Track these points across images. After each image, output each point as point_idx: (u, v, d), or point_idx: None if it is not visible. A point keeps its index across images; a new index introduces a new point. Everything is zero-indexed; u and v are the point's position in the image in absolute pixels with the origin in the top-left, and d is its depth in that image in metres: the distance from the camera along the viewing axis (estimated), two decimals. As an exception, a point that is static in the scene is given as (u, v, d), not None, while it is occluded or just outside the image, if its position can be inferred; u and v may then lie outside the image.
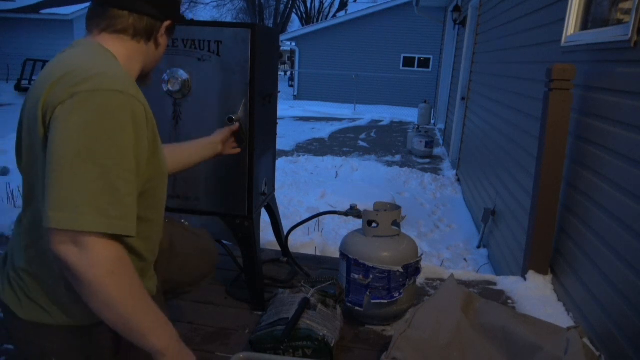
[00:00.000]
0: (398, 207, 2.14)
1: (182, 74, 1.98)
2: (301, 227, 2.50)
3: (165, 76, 1.98)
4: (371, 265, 1.98)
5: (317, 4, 35.42)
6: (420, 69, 18.49)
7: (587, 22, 2.77)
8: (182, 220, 2.17)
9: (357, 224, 2.26)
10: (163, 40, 1.25)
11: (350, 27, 18.50)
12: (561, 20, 2.95)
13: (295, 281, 2.43)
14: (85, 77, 1.00)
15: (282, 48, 21.60)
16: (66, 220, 0.92)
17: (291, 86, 21.10)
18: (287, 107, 15.55)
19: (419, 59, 18.54)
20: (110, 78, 1.02)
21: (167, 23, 1.23)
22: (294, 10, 33.13)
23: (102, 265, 0.94)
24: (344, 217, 2.32)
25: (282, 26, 30.64)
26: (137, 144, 1.02)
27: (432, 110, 13.70)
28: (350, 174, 6.97)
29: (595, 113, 2.37)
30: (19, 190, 4.21)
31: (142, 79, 1.30)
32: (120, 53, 1.15)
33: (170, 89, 1.97)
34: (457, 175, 7.04)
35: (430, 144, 8.69)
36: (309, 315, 1.85)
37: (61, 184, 0.93)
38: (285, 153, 8.35)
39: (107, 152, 0.96)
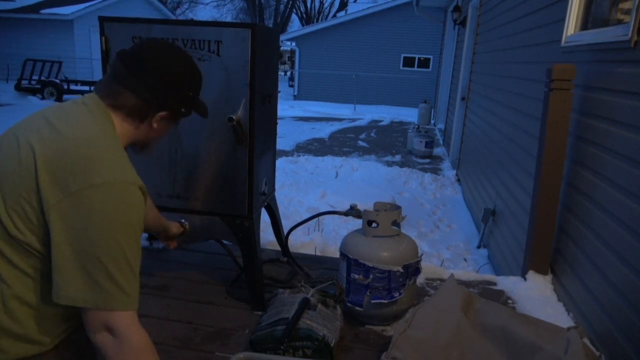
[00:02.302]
0: (398, 207, 2.14)
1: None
2: (301, 227, 2.50)
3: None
4: (371, 265, 1.98)
5: (317, 4, 35.45)
6: (420, 69, 18.49)
7: (587, 22, 2.77)
8: (182, 220, 2.17)
9: (357, 224, 2.26)
10: (159, 126, 1.24)
11: (350, 27, 18.50)
12: (561, 20, 2.95)
13: (295, 281, 2.43)
14: (99, 167, 1.04)
15: (282, 48, 21.60)
16: (96, 301, 1.02)
17: (291, 86, 21.10)
18: (287, 107, 15.55)
19: (419, 59, 18.54)
20: (120, 168, 1.08)
21: (162, 113, 1.22)
22: (294, 10, 33.14)
23: (134, 350, 1.06)
24: (344, 217, 2.32)
25: (282, 26, 30.64)
26: (141, 224, 1.11)
27: (432, 110, 13.70)
28: (350, 174, 6.97)
29: (595, 113, 2.37)
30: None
31: (142, 148, 1.31)
32: (116, 124, 1.17)
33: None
34: (457, 175, 7.04)
35: (430, 144, 8.68)
36: (309, 315, 1.85)
37: (86, 269, 1.01)
38: (285, 153, 8.35)
39: (120, 236, 1.04)
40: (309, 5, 34.01)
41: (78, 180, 1.01)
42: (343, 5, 30.70)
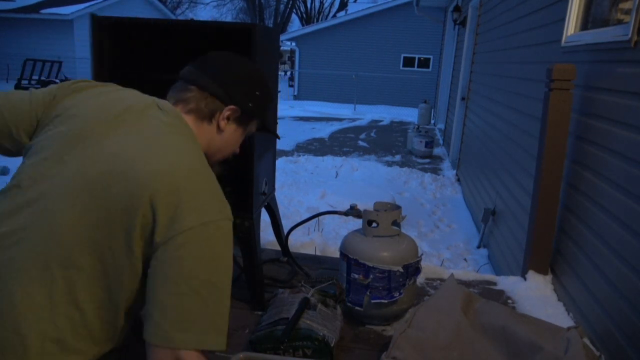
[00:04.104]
0: (398, 207, 2.14)
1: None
2: (301, 227, 2.50)
3: (165, 76, 1.98)
4: (371, 265, 1.98)
5: (317, 4, 35.46)
6: (420, 69, 18.50)
7: (587, 22, 2.77)
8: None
9: (357, 224, 2.26)
10: (226, 126, 1.21)
11: (350, 27, 18.51)
12: (561, 20, 2.95)
13: (295, 281, 2.42)
14: (209, 202, 1.01)
15: (282, 48, 21.60)
16: (196, 342, 0.97)
17: (291, 86, 21.11)
18: (287, 107, 15.55)
19: (419, 59, 18.54)
20: (225, 203, 1.05)
21: (231, 107, 1.19)
22: (294, 10, 33.15)
23: None
24: (344, 217, 2.32)
25: (282, 26, 30.65)
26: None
27: (432, 110, 13.70)
28: (350, 174, 6.97)
29: (595, 113, 2.37)
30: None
31: (211, 164, 1.24)
32: (194, 130, 1.16)
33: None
34: (457, 175, 7.04)
35: (430, 144, 8.69)
36: (309, 315, 1.85)
37: (188, 308, 0.96)
38: (285, 153, 8.35)
39: (226, 277, 1.02)
40: (309, 5, 34.03)
41: (192, 218, 0.97)
42: (343, 5, 30.70)
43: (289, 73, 25.49)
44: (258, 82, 1.28)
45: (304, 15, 33.79)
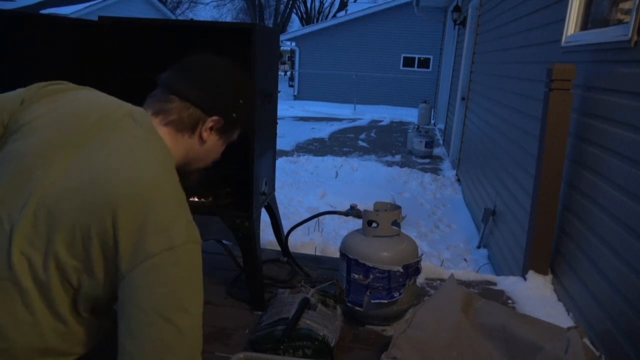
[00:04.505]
0: (398, 207, 2.14)
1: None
2: (301, 227, 2.50)
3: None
4: (371, 265, 1.98)
5: (317, 4, 35.44)
6: (420, 69, 18.49)
7: (587, 22, 2.77)
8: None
9: (357, 224, 2.26)
10: (209, 139, 1.17)
11: (350, 27, 18.50)
12: (561, 20, 2.95)
13: (295, 281, 2.42)
14: (175, 224, 0.97)
15: (282, 48, 21.60)
16: None
17: (291, 86, 21.11)
18: (287, 107, 15.55)
19: (419, 59, 18.54)
20: (192, 225, 1.01)
21: (214, 118, 1.14)
22: (294, 10, 33.15)
23: None
24: (344, 217, 2.32)
25: (282, 26, 30.65)
26: None
27: (432, 110, 13.70)
28: (350, 174, 6.97)
29: (595, 113, 2.37)
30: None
31: (187, 175, 1.22)
32: (169, 143, 1.11)
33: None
34: (457, 175, 7.04)
35: (430, 144, 8.69)
36: (309, 315, 1.85)
37: (160, 338, 0.94)
38: (285, 153, 8.35)
39: (197, 302, 1.00)
40: (309, 5, 34.02)
41: (158, 243, 0.94)
42: (343, 5, 30.71)
43: (289, 73, 25.49)
44: (242, 90, 1.22)
45: (304, 15, 33.78)
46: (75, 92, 1.12)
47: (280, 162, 7.08)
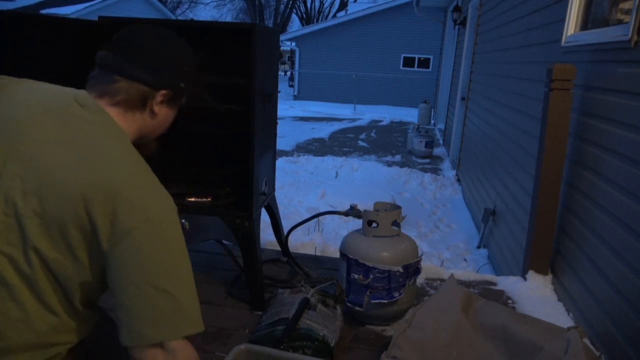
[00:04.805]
0: (398, 207, 2.14)
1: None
2: (301, 227, 2.50)
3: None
4: (371, 265, 1.98)
5: (317, 4, 35.45)
6: (420, 69, 18.49)
7: (587, 22, 2.77)
8: (183, 221, 2.17)
9: (357, 224, 2.26)
10: (160, 111, 1.16)
11: (350, 27, 18.50)
12: (561, 20, 2.95)
13: (295, 281, 2.43)
14: (147, 197, 1.00)
15: (282, 48, 21.60)
16: (171, 332, 0.98)
17: (291, 86, 21.10)
18: (287, 107, 15.55)
19: (419, 59, 18.54)
20: (164, 194, 1.04)
21: (162, 92, 1.13)
22: (294, 10, 33.14)
23: None
24: (344, 217, 2.32)
25: (282, 26, 30.64)
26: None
27: (432, 110, 13.70)
28: (350, 174, 6.97)
29: (595, 113, 2.37)
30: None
31: (144, 146, 1.22)
32: (121, 123, 1.10)
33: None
34: (457, 175, 7.04)
35: (430, 144, 8.69)
36: (309, 315, 1.85)
37: (158, 305, 0.97)
38: (285, 153, 8.35)
39: (184, 265, 1.03)
40: (309, 5, 34.01)
41: (134, 217, 0.96)
42: (343, 5, 30.69)
43: (289, 73, 25.49)
44: (185, 58, 1.20)
45: (304, 15, 33.78)
46: (14, 86, 1.10)
47: (280, 162, 7.07)
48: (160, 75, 1.13)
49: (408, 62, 18.62)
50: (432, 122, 13.56)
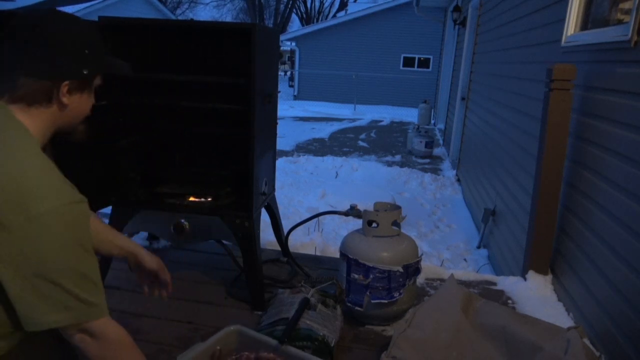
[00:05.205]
0: (398, 207, 2.14)
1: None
2: (301, 227, 2.50)
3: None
4: (371, 265, 1.98)
5: (317, 4, 35.44)
6: (420, 69, 18.49)
7: (587, 22, 2.77)
8: (182, 221, 2.17)
9: (357, 224, 2.26)
10: (71, 100, 1.11)
11: (350, 27, 18.50)
12: (561, 20, 2.95)
13: (295, 281, 2.43)
14: (35, 196, 0.98)
15: (282, 48, 21.60)
16: (67, 319, 1.03)
17: (291, 86, 21.10)
18: (287, 107, 15.55)
19: (419, 59, 18.54)
20: (55, 190, 1.01)
21: (65, 83, 1.08)
22: (294, 10, 33.14)
23: (114, 344, 1.11)
24: (344, 217, 2.32)
25: (282, 26, 30.64)
26: (87, 235, 1.08)
27: (432, 110, 13.70)
28: (350, 174, 6.97)
29: (595, 113, 2.37)
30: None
31: (70, 134, 1.20)
32: (26, 122, 1.06)
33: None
34: (457, 175, 7.04)
35: (430, 144, 8.69)
36: (309, 315, 1.85)
37: (46, 294, 1.00)
38: (285, 153, 8.35)
39: (77, 255, 1.04)
40: (309, 5, 34.02)
41: (18, 214, 0.95)
42: (343, 5, 30.69)
43: (289, 73, 25.48)
44: (83, 41, 1.14)
45: (304, 15, 33.78)
46: None
47: (280, 162, 7.08)
48: (58, 67, 1.07)
49: (408, 62, 18.62)
50: (432, 122, 13.56)
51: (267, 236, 2.97)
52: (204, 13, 33.92)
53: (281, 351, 1.48)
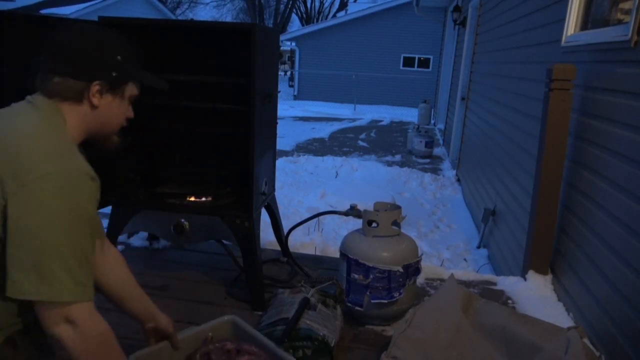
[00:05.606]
0: (398, 207, 2.14)
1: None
2: (301, 227, 2.50)
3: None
4: (371, 265, 1.98)
5: (317, 4, 35.40)
6: (420, 69, 18.49)
7: (587, 22, 2.77)
8: (182, 220, 2.17)
9: (357, 224, 2.26)
10: (100, 101, 1.19)
11: (350, 27, 18.49)
12: (561, 20, 2.95)
13: (295, 281, 2.43)
14: (45, 158, 1.05)
15: (282, 48, 21.60)
16: (53, 294, 1.02)
17: (291, 86, 21.10)
18: (287, 107, 15.54)
19: (419, 59, 18.53)
20: (67, 157, 1.09)
21: (95, 82, 1.17)
22: (294, 10, 33.13)
23: (97, 339, 1.10)
24: (344, 217, 2.32)
25: (282, 26, 30.63)
26: (91, 212, 1.11)
27: (432, 110, 13.70)
28: (350, 174, 6.97)
29: (595, 113, 2.37)
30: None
31: (102, 142, 1.28)
32: (65, 114, 1.17)
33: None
34: (457, 175, 7.04)
35: (430, 144, 8.69)
36: (309, 315, 1.85)
37: (41, 261, 1.02)
38: (285, 153, 8.35)
39: (78, 227, 1.06)
40: (309, 5, 34.00)
41: (27, 173, 1.01)
42: (343, 5, 30.68)
43: (289, 73, 25.48)
44: (114, 48, 1.24)
45: (304, 15, 33.76)
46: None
47: (280, 162, 7.07)
48: (87, 67, 1.17)
49: (408, 62, 18.62)
50: (432, 122, 13.55)
51: (267, 236, 2.97)
52: (204, 13, 33.91)
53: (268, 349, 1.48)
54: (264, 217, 2.48)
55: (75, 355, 1.07)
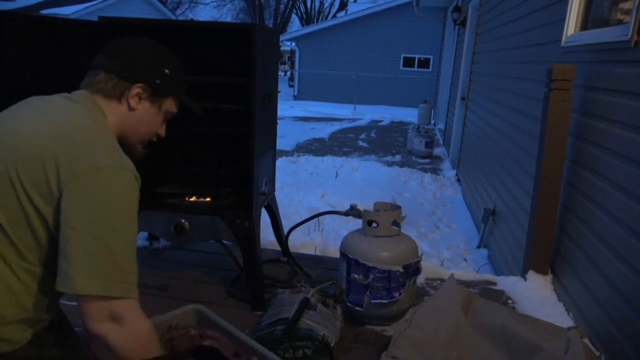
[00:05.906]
0: (398, 207, 2.14)
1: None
2: (301, 227, 2.50)
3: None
4: (371, 265, 1.98)
5: (317, 4, 35.40)
6: (420, 69, 18.48)
7: (587, 22, 2.77)
8: (182, 220, 2.17)
9: (357, 224, 2.26)
10: (137, 104, 1.23)
11: (350, 27, 18.49)
12: (561, 20, 2.95)
13: (295, 281, 2.43)
14: (99, 152, 1.07)
15: (282, 48, 21.59)
16: (104, 288, 1.01)
17: (291, 86, 21.11)
18: (287, 107, 15.54)
19: (419, 59, 18.53)
20: (118, 154, 1.11)
21: (138, 85, 1.21)
22: (294, 10, 33.12)
23: (142, 338, 1.08)
24: (344, 217, 2.32)
25: (282, 26, 30.63)
26: (137, 209, 1.12)
27: (432, 110, 13.70)
28: (350, 174, 6.97)
29: (595, 113, 2.37)
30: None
31: (130, 148, 1.30)
32: (104, 109, 1.20)
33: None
34: (457, 175, 7.04)
35: (430, 144, 8.68)
36: (309, 315, 1.85)
37: (95, 255, 1.01)
38: (285, 153, 8.35)
39: (131, 222, 1.07)
40: (309, 5, 34.00)
41: (82, 164, 1.01)
42: (343, 5, 30.68)
43: (289, 73, 25.48)
44: (164, 60, 1.30)
45: (304, 16, 33.76)
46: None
47: (280, 162, 7.07)
48: (135, 69, 1.22)
49: (408, 62, 18.62)
50: (432, 122, 13.55)
51: (267, 236, 2.97)
52: (204, 13, 33.91)
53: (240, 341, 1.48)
54: (264, 217, 2.48)
55: (119, 352, 1.05)
